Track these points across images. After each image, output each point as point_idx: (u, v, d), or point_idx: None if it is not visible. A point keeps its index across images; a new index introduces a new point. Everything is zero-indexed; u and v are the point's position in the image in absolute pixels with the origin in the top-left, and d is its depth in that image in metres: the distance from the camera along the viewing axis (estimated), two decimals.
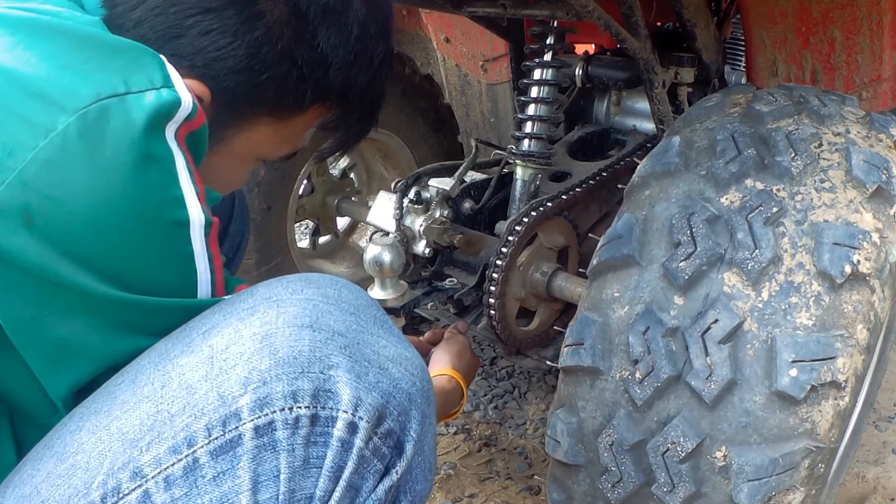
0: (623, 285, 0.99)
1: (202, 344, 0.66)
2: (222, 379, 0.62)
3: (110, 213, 0.64)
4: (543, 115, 1.51)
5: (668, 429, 0.91)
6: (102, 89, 0.64)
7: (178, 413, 0.62)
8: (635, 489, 0.96)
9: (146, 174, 0.65)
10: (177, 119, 0.68)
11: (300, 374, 0.62)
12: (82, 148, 0.62)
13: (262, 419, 0.61)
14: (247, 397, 0.61)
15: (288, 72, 0.81)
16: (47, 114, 0.63)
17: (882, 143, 1.03)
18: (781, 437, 0.88)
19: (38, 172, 0.61)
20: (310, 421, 0.62)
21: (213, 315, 0.69)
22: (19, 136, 0.62)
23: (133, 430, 0.62)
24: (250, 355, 0.63)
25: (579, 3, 1.13)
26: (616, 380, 0.96)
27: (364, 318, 0.71)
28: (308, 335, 0.65)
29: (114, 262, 0.66)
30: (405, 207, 1.54)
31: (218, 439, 0.61)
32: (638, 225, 1.00)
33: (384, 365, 0.68)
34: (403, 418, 0.67)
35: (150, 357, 0.68)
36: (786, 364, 0.86)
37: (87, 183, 0.63)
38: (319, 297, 0.69)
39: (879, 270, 0.91)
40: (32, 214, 0.61)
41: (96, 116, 0.63)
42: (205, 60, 0.77)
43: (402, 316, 1.45)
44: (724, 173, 0.98)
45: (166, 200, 0.67)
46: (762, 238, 0.91)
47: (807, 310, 0.89)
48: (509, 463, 1.66)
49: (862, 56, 1.31)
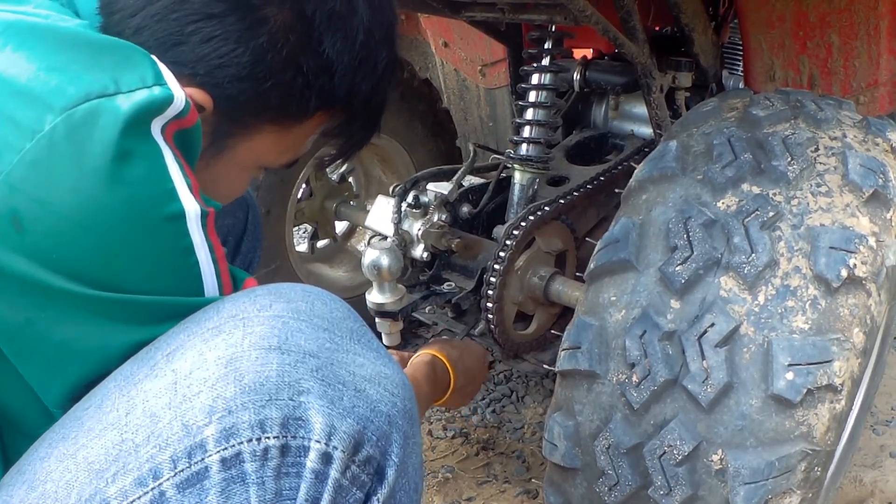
0: (620, 289, 0.99)
1: (166, 367, 0.63)
2: (186, 407, 0.60)
3: (101, 213, 0.62)
4: (541, 120, 1.51)
5: (665, 432, 0.92)
6: (91, 89, 0.63)
7: (142, 443, 0.59)
8: (632, 492, 0.96)
9: (133, 170, 0.63)
10: (165, 115, 0.66)
11: (268, 402, 0.59)
12: (70, 148, 0.61)
13: (228, 451, 0.59)
14: (212, 427, 0.59)
15: (293, 79, 0.79)
16: (34, 114, 0.61)
17: (879, 147, 1.03)
18: (778, 441, 0.88)
19: (25, 175, 0.60)
20: (280, 452, 0.59)
21: (177, 334, 0.66)
22: (6, 138, 0.61)
23: (98, 460, 0.60)
24: (214, 381, 0.60)
25: (577, 8, 1.14)
26: (613, 383, 0.97)
27: (339, 334, 0.67)
28: (276, 358, 0.62)
29: (109, 264, 0.64)
30: (403, 211, 1.54)
31: (184, 471, 0.59)
32: (635, 229, 1.00)
33: (360, 386, 0.64)
34: (384, 443, 0.64)
35: (117, 380, 0.65)
36: (782, 367, 0.87)
37: (75, 184, 0.61)
38: (289, 312, 0.66)
39: (876, 274, 0.92)
40: (21, 218, 0.60)
41: (84, 116, 0.62)
42: (207, 68, 0.75)
43: (400, 320, 1.46)
44: (720, 178, 0.98)
45: (157, 195, 0.65)
46: (758, 242, 0.92)
47: (803, 313, 0.89)
48: (507, 466, 1.66)
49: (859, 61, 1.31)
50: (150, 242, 0.66)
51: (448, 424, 1.79)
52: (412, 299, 1.46)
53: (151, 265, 0.66)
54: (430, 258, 1.54)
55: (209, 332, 0.64)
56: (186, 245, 0.67)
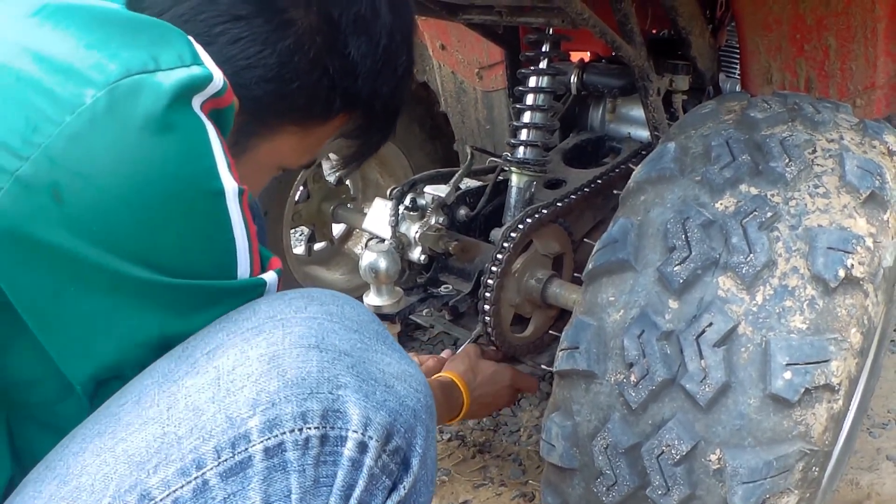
0: (618, 289, 0.99)
1: (207, 365, 0.65)
2: (230, 401, 0.62)
3: (142, 186, 0.62)
4: (539, 123, 1.52)
5: (663, 432, 0.92)
6: (132, 65, 0.62)
7: (185, 435, 0.62)
8: (630, 492, 0.96)
9: (176, 144, 0.63)
10: (205, 93, 0.66)
11: (309, 395, 0.63)
12: (112, 122, 0.61)
13: (271, 440, 0.61)
14: (256, 419, 0.61)
15: (318, 80, 0.81)
16: (74, 89, 0.61)
17: (876, 149, 1.04)
18: (775, 440, 0.88)
19: (65, 148, 0.60)
20: (319, 441, 0.62)
21: (216, 334, 0.68)
22: (45, 112, 0.60)
23: (139, 453, 0.62)
24: (258, 377, 0.63)
25: (575, 11, 1.14)
26: (611, 383, 0.97)
27: (367, 335, 0.71)
28: (315, 356, 0.65)
29: (147, 238, 0.64)
30: (401, 214, 1.54)
31: (227, 461, 0.61)
32: (633, 230, 1.01)
33: (390, 382, 0.68)
34: (409, 435, 0.68)
35: (153, 377, 0.67)
36: (780, 367, 0.87)
37: (116, 157, 0.61)
38: (323, 314, 0.69)
39: (873, 275, 0.92)
40: (61, 191, 0.60)
41: (127, 90, 0.61)
42: (234, 69, 0.76)
43: (398, 322, 1.46)
44: (718, 179, 0.99)
45: (199, 170, 0.65)
46: (756, 242, 0.92)
47: (801, 313, 0.89)
48: (503, 469, 1.66)
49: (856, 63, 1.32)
50: (189, 217, 0.66)
51: (444, 427, 1.78)
52: (409, 302, 1.46)
53: (189, 240, 0.66)
54: (428, 261, 1.54)
55: (249, 331, 0.67)
56: (224, 221, 0.68)
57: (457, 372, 1.38)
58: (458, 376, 1.37)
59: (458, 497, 1.59)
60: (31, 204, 0.60)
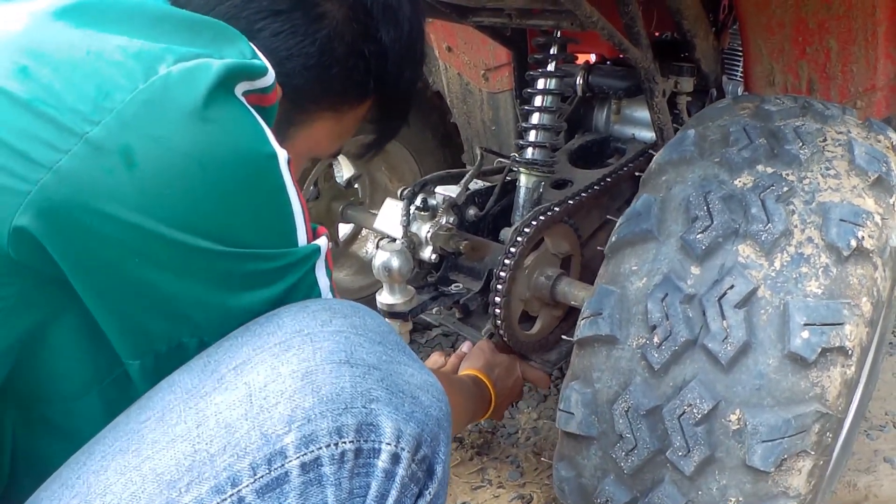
0: (641, 259, 1.03)
1: (237, 381, 0.66)
2: (264, 417, 0.63)
3: (209, 149, 0.63)
4: (546, 124, 1.56)
5: (685, 392, 0.95)
6: (200, 52, 0.66)
7: (218, 452, 0.62)
8: (649, 456, 0.98)
9: (231, 115, 0.65)
10: (253, 84, 0.69)
11: (344, 411, 0.64)
12: (182, 92, 0.62)
13: (308, 456, 0.63)
14: (292, 435, 0.62)
15: (356, 65, 0.88)
16: (148, 62, 0.63)
17: (881, 143, 1.11)
18: (793, 400, 0.92)
19: (138, 112, 0.61)
20: (354, 454, 0.64)
21: (240, 348, 0.68)
22: (116, 80, 0.62)
23: (169, 471, 0.61)
24: (292, 393, 0.64)
25: (584, 14, 1.19)
26: (633, 347, 1.00)
27: (390, 347, 0.73)
28: (347, 371, 0.66)
29: (214, 204, 0.64)
30: (412, 214, 1.57)
31: (263, 477, 0.62)
32: (656, 204, 1.05)
33: (415, 394, 0.70)
34: (434, 443, 0.70)
35: (176, 392, 0.67)
36: (798, 327, 0.91)
37: (186, 122, 0.62)
38: (349, 328, 0.71)
39: (881, 249, 0.97)
40: (133, 153, 0.60)
41: (196, 66, 0.64)
42: (277, 60, 0.80)
43: (410, 320, 1.48)
44: (737, 158, 1.05)
45: (253, 135, 0.67)
46: (774, 213, 0.97)
47: (816, 279, 0.94)
48: (501, 471, 1.66)
49: (857, 66, 1.39)
50: (252, 178, 0.67)
51: None
52: (421, 300, 1.48)
53: (253, 202, 0.68)
54: (438, 260, 1.57)
55: (277, 346, 0.67)
56: (281, 185, 0.69)
57: (478, 368, 1.41)
58: (480, 372, 1.40)
59: (455, 499, 1.59)
60: (102, 166, 0.60)
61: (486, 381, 1.39)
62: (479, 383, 1.38)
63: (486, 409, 1.39)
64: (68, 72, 0.62)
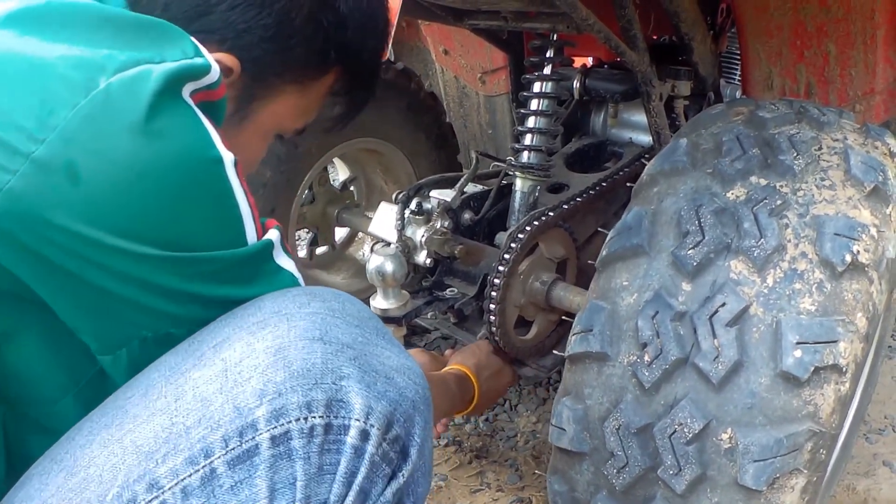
0: (632, 274, 1.02)
1: (214, 357, 0.67)
2: (237, 391, 0.64)
3: (150, 159, 0.64)
4: (542, 128, 1.55)
5: (676, 411, 0.94)
6: (141, 58, 0.67)
7: (193, 425, 0.63)
8: (641, 473, 0.97)
9: (174, 123, 0.66)
10: (199, 82, 0.70)
11: (314, 386, 0.65)
12: (123, 104, 0.64)
13: (278, 429, 0.63)
14: (263, 408, 0.63)
15: (314, 34, 0.87)
16: (89, 74, 0.64)
17: (878, 150, 1.08)
18: (786, 419, 0.90)
19: (79, 128, 0.62)
20: (324, 430, 0.64)
21: (222, 329, 0.70)
22: (59, 94, 0.63)
23: (147, 443, 0.63)
24: (265, 368, 0.65)
25: (580, 17, 1.17)
26: (624, 364, 0.99)
27: (368, 330, 0.73)
28: (320, 348, 0.67)
29: (160, 213, 0.66)
30: (407, 218, 1.56)
31: (235, 449, 0.62)
32: (647, 217, 1.03)
33: (390, 374, 0.70)
34: (408, 425, 0.70)
35: (160, 371, 0.69)
36: (790, 345, 0.89)
37: (126, 134, 0.64)
38: (326, 310, 0.72)
39: (877, 263, 0.95)
40: (77, 169, 0.62)
41: (136, 76, 0.65)
42: (235, 32, 0.82)
43: (404, 325, 1.47)
44: (730, 170, 1.03)
45: (195, 141, 0.68)
46: (767, 228, 0.95)
47: (810, 295, 0.92)
48: (500, 475, 1.66)
49: (856, 69, 1.37)
50: (195, 186, 0.68)
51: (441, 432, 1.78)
52: (415, 305, 1.47)
53: (197, 208, 0.69)
54: (433, 264, 1.56)
55: (255, 325, 0.69)
56: (227, 188, 0.70)
57: (467, 365, 1.40)
58: (468, 369, 1.39)
59: (454, 502, 1.59)
60: (48, 185, 0.62)
61: (472, 379, 1.39)
62: (464, 379, 1.38)
63: (464, 406, 1.39)
64: (13, 86, 0.64)
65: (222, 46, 0.82)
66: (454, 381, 1.34)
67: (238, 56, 0.82)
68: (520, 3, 1.31)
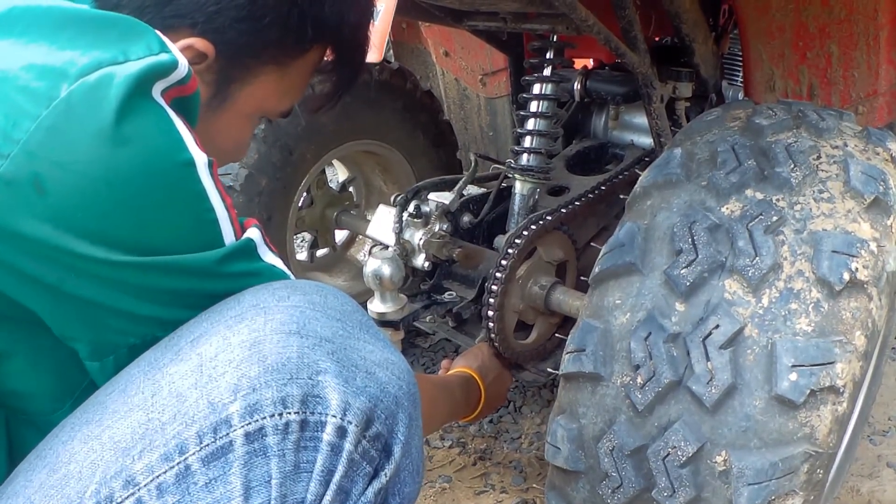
0: (625, 293, 1.00)
1: (191, 352, 0.66)
2: (212, 386, 0.63)
3: (118, 167, 0.64)
4: (542, 130, 1.53)
5: (669, 433, 0.92)
6: (103, 58, 0.65)
7: (168, 421, 0.62)
8: (635, 494, 0.96)
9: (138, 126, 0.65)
10: (168, 80, 0.69)
11: (289, 381, 0.63)
12: (85, 111, 0.63)
13: (252, 425, 0.62)
14: (237, 404, 0.62)
15: (289, 11, 0.85)
16: (50, 83, 0.63)
17: (879, 156, 1.05)
18: (781, 442, 0.89)
19: (43, 140, 0.62)
20: (299, 426, 0.63)
21: (200, 323, 0.69)
22: (23, 106, 0.62)
23: (125, 439, 0.62)
24: (239, 362, 0.64)
25: (579, 18, 1.15)
26: (617, 385, 0.97)
27: (350, 324, 0.71)
28: (296, 341, 0.65)
29: (131, 220, 0.66)
30: (405, 221, 1.55)
31: (209, 446, 0.61)
32: (640, 233, 1.01)
33: (371, 369, 0.68)
34: (391, 421, 0.68)
35: (140, 366, 0.68)
36: (785, 368, 0.88)
37: (92, 142, 0.63)
38: (306, 303, 0.70)
39: (877, 279, 0.93)
40: (42, 181, 0.62)
41: (97, 81, 0.64)
42: (206, 15, 0.80)
43: (402, 329, 1.46)
44: (724, 183, 1.00)
45: (166, 145, 0.67)
46: (762, 246, 0.93)
47: (806, 316, 0.90)
48: (504, 476, 1.65)
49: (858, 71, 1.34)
50: (166, 191, 0.67)
51: (445, 434, 1.78)
52: (413, 308, 1.47)
53: (170, 214, 0.68)
54: (431, 268, 1.55)
55: (232, 319, 0.68)
56: (200, 191, 0.69)
57: (472, 367, 1.39)
58: (474, 371, 1.38)
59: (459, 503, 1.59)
60: (15, 198, 0.62)
61: (478, 381, 1.37)
62: (471, 382, 1.36)
63: (472, 409, 1.37)
64: None
65: (194, 30, 0.80)
66: (459, 383, 1.33)
67: (211, 40, 0.80)
68: (518, 3, 1.28)
